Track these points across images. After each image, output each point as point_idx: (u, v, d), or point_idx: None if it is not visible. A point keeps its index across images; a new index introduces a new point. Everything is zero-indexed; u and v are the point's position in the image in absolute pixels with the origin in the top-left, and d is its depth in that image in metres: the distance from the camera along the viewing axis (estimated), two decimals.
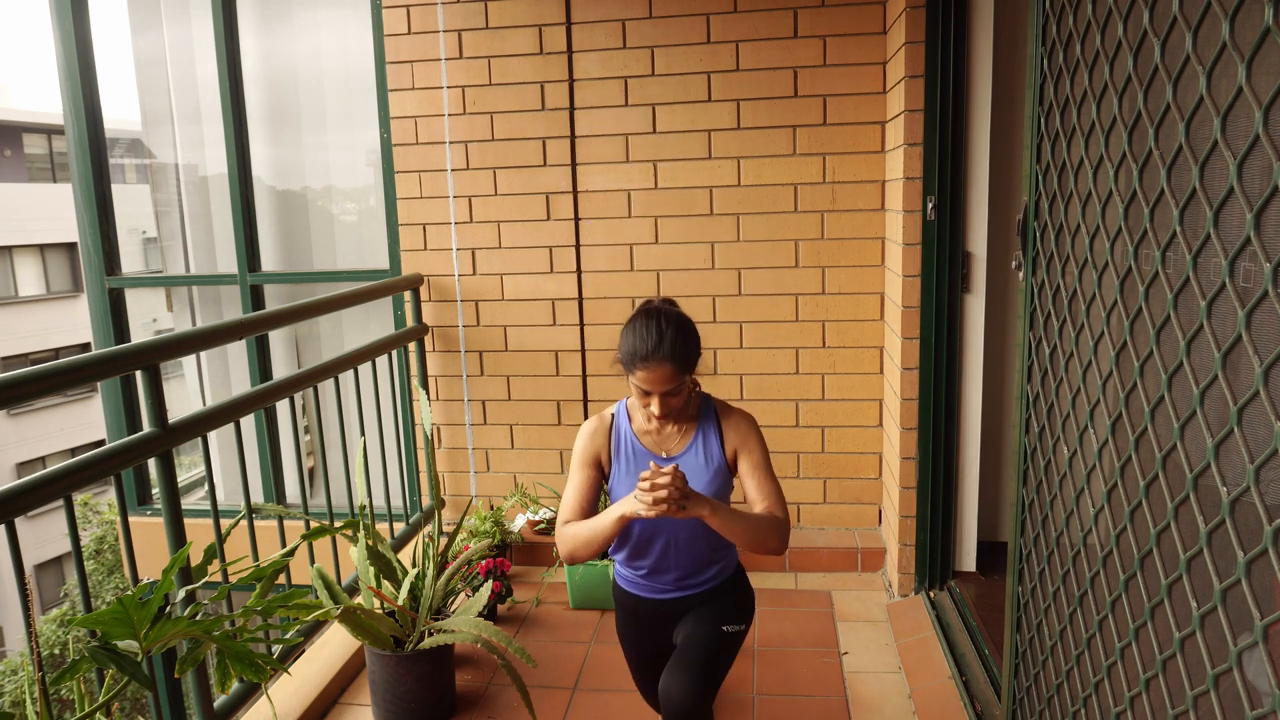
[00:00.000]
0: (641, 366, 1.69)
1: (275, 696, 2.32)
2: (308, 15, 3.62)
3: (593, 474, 1.86)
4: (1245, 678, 0.97)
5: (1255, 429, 0.95)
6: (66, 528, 1.66)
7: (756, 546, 1.71)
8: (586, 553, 1.75)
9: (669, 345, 1.68)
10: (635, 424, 1.88)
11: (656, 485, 1.57)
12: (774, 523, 1.73)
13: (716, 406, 1.88)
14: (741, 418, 1.86)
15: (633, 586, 1.93)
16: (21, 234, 16.09)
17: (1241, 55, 0.94)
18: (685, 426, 1.85)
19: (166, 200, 4.03)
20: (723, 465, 1.83)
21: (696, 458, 1.83)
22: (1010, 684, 1.91)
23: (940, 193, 2.62)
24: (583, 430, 1.90)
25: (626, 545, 1.88)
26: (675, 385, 1.71)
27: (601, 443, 1.88)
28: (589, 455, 1.87)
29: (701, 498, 1.63)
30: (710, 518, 1.63)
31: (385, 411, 3.22)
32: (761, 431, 1.86)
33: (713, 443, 1.84)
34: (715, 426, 1.85)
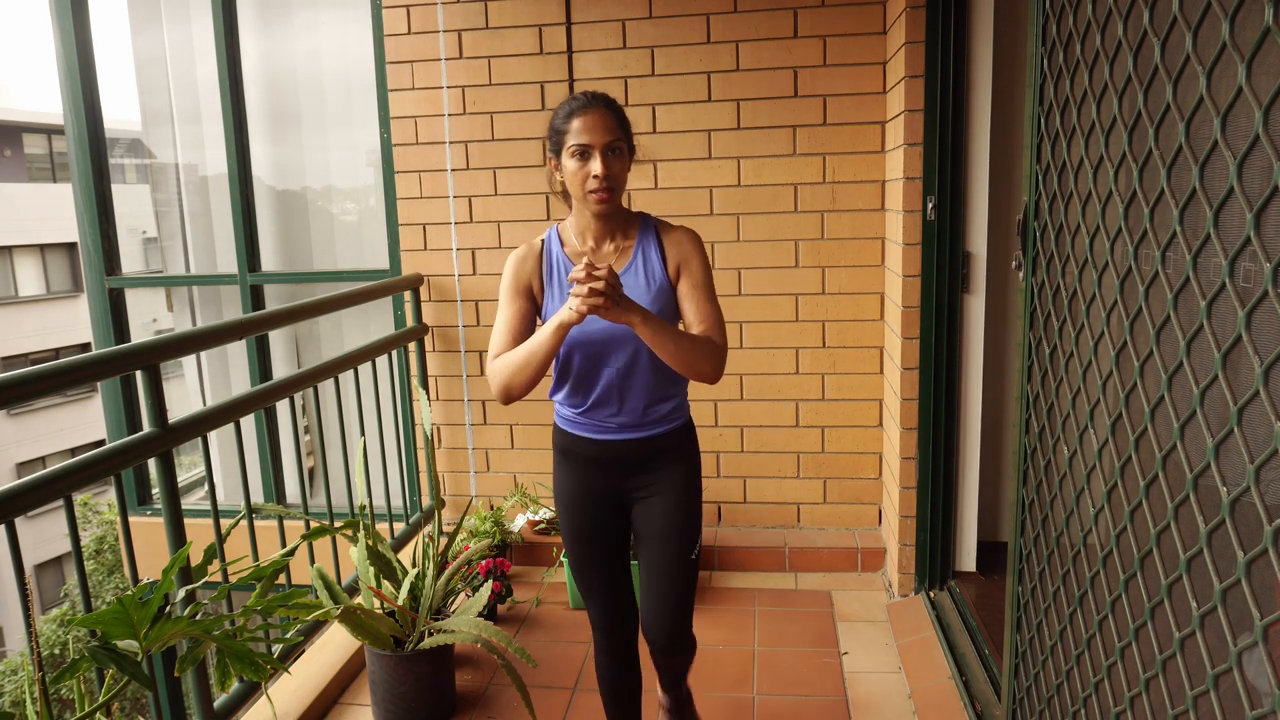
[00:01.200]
0: (579, 114, 1.62)
1: (275, 696, 2.33)
2: (308, 15, 3.62)
3: (524, 305, 1.73)
4: (1245, 678, 0.97)
5: (1255, 429, 0.95)
6: (66, 528, 1.66)
7: (688, 368, 1.62)
8: (523, 378, 1.63)
9: (604, 99, 1.65)
10: (569, 247, 1.75)
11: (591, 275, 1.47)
12: (710, 346, 1.64)
13: (656, 224, 1.77)
14: (684, 233, 1.75)
15: (574, 427, 1.79)
16: (21, 234, 16.10)
17: (1241, 55, 0.94)
18: (623, 246, 1.73)
19: (166, 200, 4.03)
20: (665, 284, 1.71)
21: (637, 276, 1.71)
22: (1010, 684, 1.91)
23: (940, 193, 2.62)
24: (510, 258, 1.76)
25: (567, 379, 1.76)
26: (616, 138, 1.62)
27: (532, 268, 1.74)
28: (519, 284, 1.73)
29: (633, 303, 1.55)
30: (641, 325, 1.54)
31: (385, 411, 3.22)
32: (705, 251, 1.76)
33: (654, 260, 1.72)
34: (656, 243, 1.73)
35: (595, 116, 1.61)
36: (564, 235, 1.76)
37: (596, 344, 1.68)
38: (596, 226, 1.71)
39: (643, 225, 1.75)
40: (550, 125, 1.69)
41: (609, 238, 1.73)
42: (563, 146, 1.65)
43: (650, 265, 1.71)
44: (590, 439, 1.77)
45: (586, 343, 1.68)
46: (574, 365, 1.72)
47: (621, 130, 1.65)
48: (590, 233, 1.73)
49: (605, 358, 1.70)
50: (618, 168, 1.64)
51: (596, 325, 1.65)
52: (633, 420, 1.74)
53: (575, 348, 1.70)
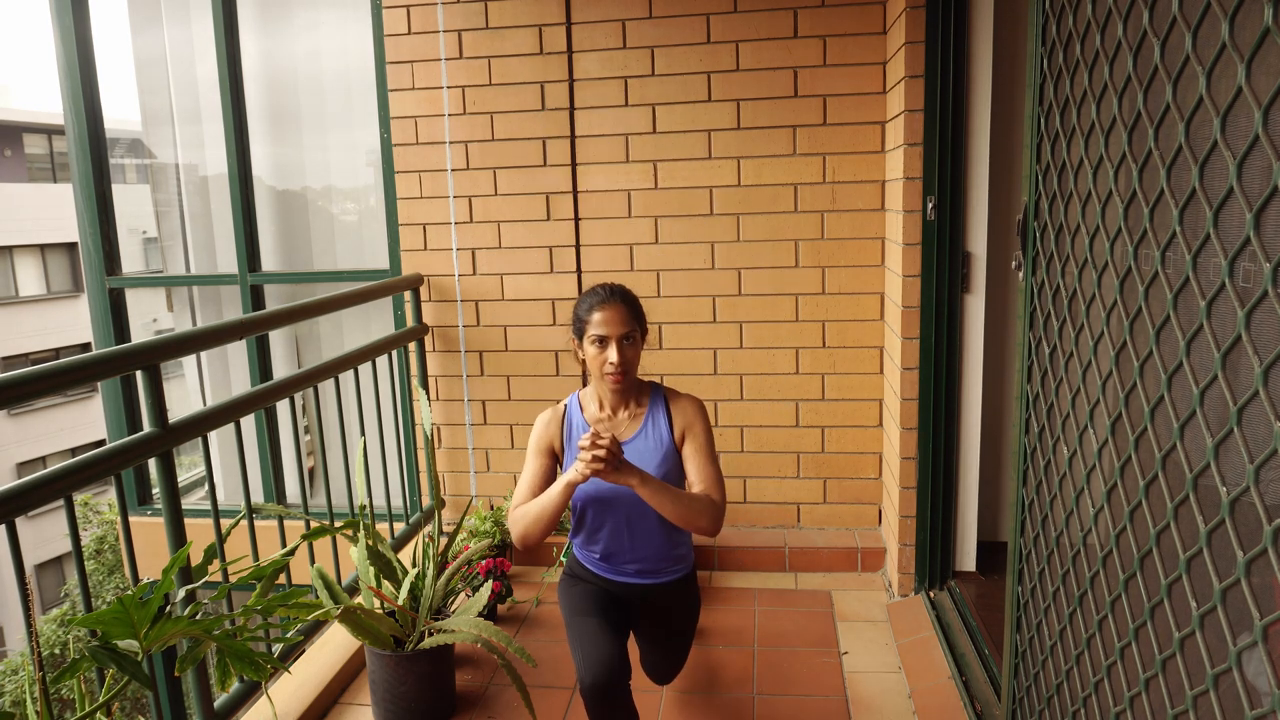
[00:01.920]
0: (598, 308, 1.87)
1: (275, 696, 2.33)
2: (308, 15, 3.62)
3: (546, 462, 1.99)
4: (1245, 678, 0.97)
5: (1255, 429, 0.95)
6: (67, 528, 1.66)
7: (688, 524, 1.83)
8: (538, 529, 1.84)
9: (620, 294, 1.91)
10: (588, 413, 2.00)
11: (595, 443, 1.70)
12: (707, 503, 1.85)
13: (665, 393, 2.00)
14: (689, 402, 1.99)
15: (592, 565, 2.05)
16: (21, 234, 16.10)
17: (1241, 55, 0.94)
18: (635, 413, 1.98)
19: (166, 200, 4.03)
20: (672, 448, 1.95)
21: (646, 442, 1.95)
22: (1010, 684, 1.91)
23: (940, 193, 2.62)
24: (538, 420, 2.03)
25: (583, 528, 2.01)
26: (630, 329, 1.87)
27: (555, 431, 2.00)
28: (543, 444, 2.00)
29: (633, 467, 1.76)
30: (639, 486, 1.75)
31: (385, 411, 3.22)
32: (708, 416, 1.99)
33: (661, 426, 1.95)
34: (664, 411, 1.97)
35: (613, 312, 1.87)
36: (584, 401, 2.03)
37: (603, 501, 1.93)
38: (612, 397, 1.98)
39: (653, 394, 2.00)
40: (574, 313, 1.96)
41: (623, 406, 1.99)
42: (584, 334, 1.91)
43: (659, 431, 1.96)
44: (606, 579, 2.04)
45: (594, 500, 1.93)
46: (588, 518, 1.98)
47: (635, 322, 1.90)
48: (607, 402, 1.99)
49: (614, 512, 1.94)
50: (630, 354, 1.89)
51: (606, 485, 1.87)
52: (649, 567, 2.01)
53: (588, 503, 1.95)
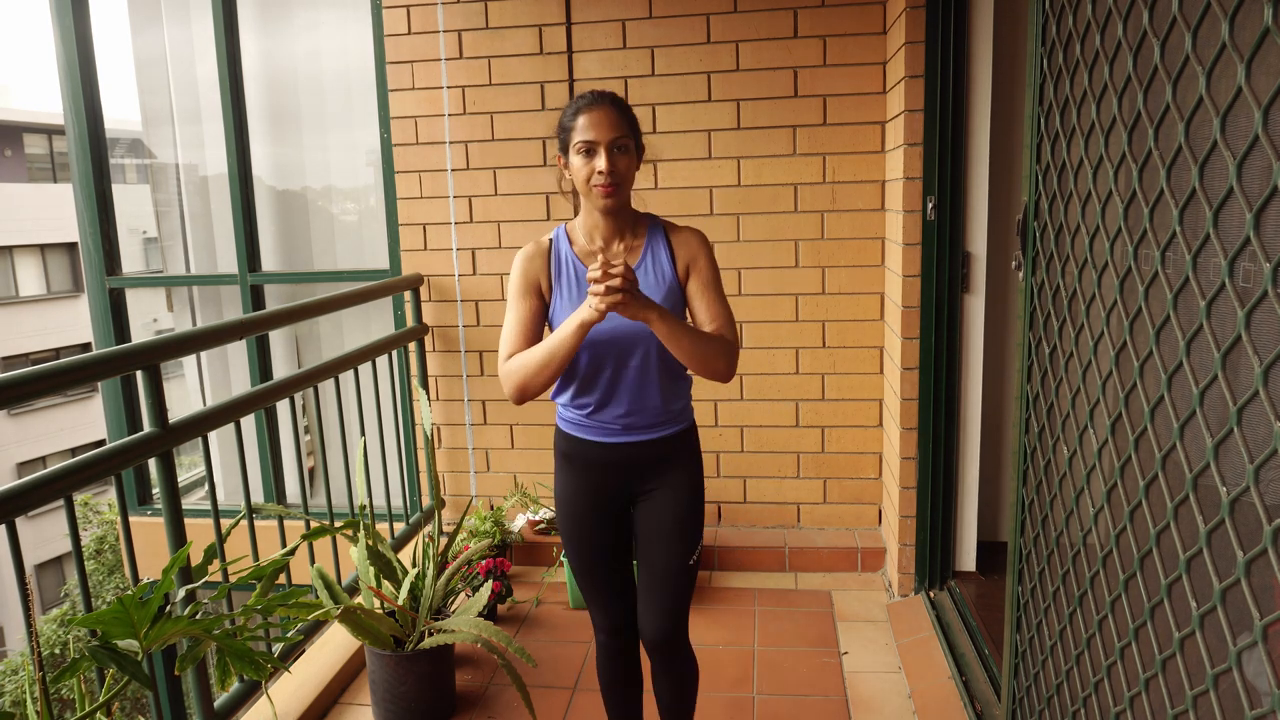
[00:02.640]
0: (585, 111, 1.61)
1: (275, 696, 2.33)
2: (308, 15, 3.62)
3: (534, 303, 1.72)
4: (1245, 678, 0.97)
5: (1255, 429, 0.95)
6: (67, 528, 1.66)
7: (702, 366, 1.63)
8: (542, 379, 1.62)
9: (611, 97, 1.64)
10: (577, 246, 1.74)
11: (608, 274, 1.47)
12: (723, 343, 1.65)
13: (665, 224, 1.77)
14: (692, 233, 1.75)
15: (577, 428, 1.77)
16: (21, 234, 16.09)
17: (1241, 55, 0.94)
18: (632, 245, 1.73)
19: (167, 200, 4.03)
20: (675, 284, 1.71)
21: (647, 276, 1.71)
22: (1010, 684, 1.91)
23: (940, 193, 2.62)
24: (518, 256, 1.76)
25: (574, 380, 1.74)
26: (621, 134, 1.61)
27: (540, 266, 1.73)
28: (528, 282, 1.72)
29: (650, 300, 1.55)
30: (658, 322, 1.54)
31: (385, 411, 3.22)
32: (713, 250, 1.76)
33: (663, 259, 1.72)
34: (665, 243, 1.73)
35: (601, 114, 1.61)
36: (572, 234, 1.76)
37: (605, 344, 1.67)
38: (605, 225, 1.71)
39: (651, 225, 1.75)
40: (559, 123, 1.69)
41: (618, 237, 1.72)
42: (570, 144, 1.64)
43: (660, 265, 1.71)
44: (595, 442, 1.75)
45: (595, 342, 1.66)
46: (581, 365, 1.70)
47: (628, 128, 1.64)
48: (599, 232, 1.72)
49: (613, 357, 1.68)
50: (623, 164, 1.63)
51: (605, 324, 1.63)
52: (641, 421, 1.73)
53: (584, 348, 1.67)
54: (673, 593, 1.77)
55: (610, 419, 1.73)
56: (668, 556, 1.76)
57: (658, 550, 1.76)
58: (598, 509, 1.77)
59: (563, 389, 1.76)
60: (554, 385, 1.77)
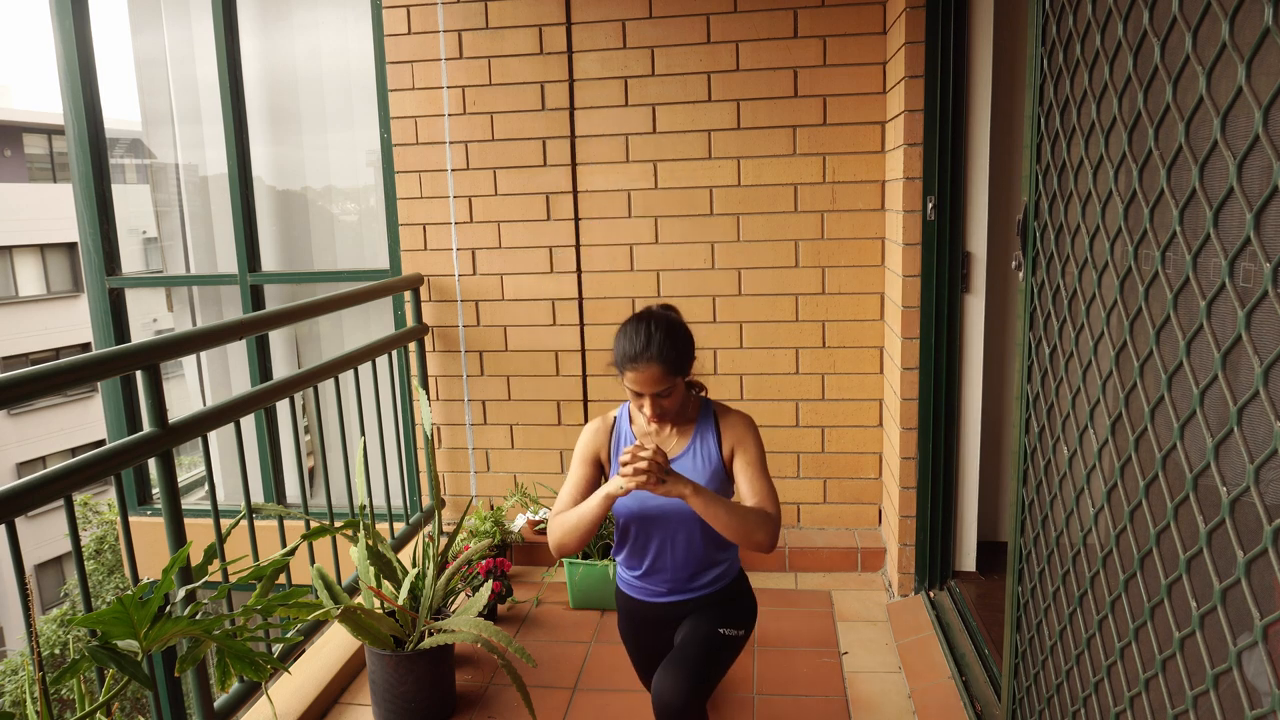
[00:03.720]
0: (630, 368, 1.74)
1: (275, 696, 2.33)
2: (308, 15, 3.62)
3: (591, 471, 1.90)
4: (1245, 678, 0.97)
5: (1255, 429, 0.95)
6: (66, 528, 1.66)
7: (743, 539, 1.71)
8: (575, 539, 1.77)
9: (657, 347, 1.71)
10: (636, 425, 1.92)
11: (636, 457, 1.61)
12: (763, 516, 1.73)
13: (715, 409, 1.91)
14: (739, 418, 1.89)
15: (631, 589, 1.95)
16: (21, 234, 16.09)
17: (1241, 55, 0.94)
18: (683, 429, 1.89)
19: (166, 200, 4.03)
20: (720, 467, 1.85)
21: (694, 460, 1.86)
22: (1010, 684, 1.91)
23: (940, 193, 2.62)
24: (586, 428, 1.95)
25: (626, 544, 1.91)
26: (665, 387, 1.75)
27: (602, 441, 1.92)
28: (589, 452, 1.91)
29: (683, 478, 1.67)
30: (693, 497, 1.65)
31: (385, 411, 3.22)
32: (759, 433, 1.88)
33: (710, 444, 1.86)
34: (714, 428, 1.88)
35: (646, 374, 1.72)
36: (633, 412, 1.92)
37: (650, 517, 1.83)
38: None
39: (702, 411, 1.90)
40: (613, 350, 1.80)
41: (671, 423, 1.89)
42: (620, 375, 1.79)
43: (707, 449, 1.86)
44: (647, 603, 1.93)
45: (642, 515, 1.83)
46: (631, 534, 1.88)
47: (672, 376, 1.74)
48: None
49: (658, 528, 1.84)
50: (668, 404, 1.78)
51: (652, 501, 1.79)
52: (686, 586, 1.89)
53: (631, 519, 1.85)
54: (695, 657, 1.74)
55: (658, 583, 1.91)
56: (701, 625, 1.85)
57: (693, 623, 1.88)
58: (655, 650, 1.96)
59: (619, 549, 1.95)
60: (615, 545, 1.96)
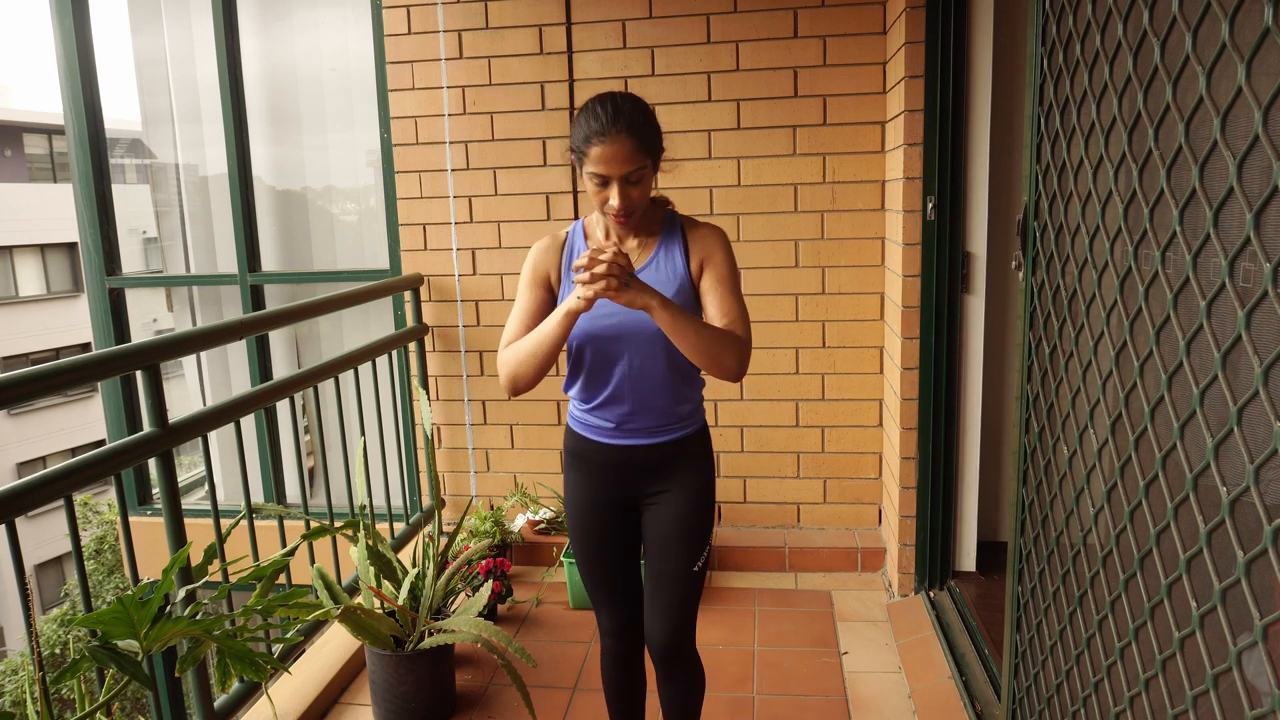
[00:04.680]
0: (597, 141, 1.51)
1: (275, 696, 2.33)
2: (308, 15, 3.62)
3: (541, 294, 1.68)
4: (1245, 678, 0.97)
5: (1255, 429, 0.95)
6: (67, 528, 1.66)
7: (711, 362, 1.55)
8: (530, 367, 1.58)
9: (627, 119, 1.52)
10: (592, 239, 1.70)
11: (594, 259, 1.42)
12: (731, 338, 1.57)
13: (683, 221, 1.70)
14: (709, 230, 1.69)
15: (586, 428, 1.74)
16: (21, 234, 16.09)
17: (1241, 55, 0.94)
18: (646, 241, 1.67)
19: (166, 200, 4.03)
20: (687, 282, 1.64)
21: (657, 272, 1.64)
22: (1010, 684, 1.91)
23: (940, 193, 2.62)
24: (533, 248, 1.72)
25: (580, 373, 1.70)
26: (636, 166, 1.53)
27: (553, 260, 1.69)
28: (538, 273, 1.69)
29: (647, 286, 1.49)
30: (658, 310, 1.47)
31: (385, 411, 3.22)
32: (732, 249, 1.69)
33: (676, 256, 1.66)
34: (680, 241, 1.67)
35: (615, 147, 1.51)
36: (589, 229, 1.71)
37: (609, 337, 1.62)
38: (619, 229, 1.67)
39: (668, 222, 1.69)
40: (571, 136, 1.61)
41: (631, 235, 1.68)
42: (581, 166, 1.58)
43: (672, 262, 1.65)
44: (602, 443, 1.72)
45: (598, 335, 1.62)
46: (586, 359, 1.66)
47: (643, 154, 1.55)
48: (614, 231, 1.68)
49: (618, 351, 1.63)
50: (636, 194, 1.57)
51: (609, 318, 1.59)
52: (648, 422, 1.69)
53: (587, 341, 1.64)
54: (679, 598, 1.74)
55: (615, 417, 1.69)
56: (674, 562, 1.73)
57: (664, 555, 1.74)
58: (605, 509, 1.75)
59: (571, 381, 1.73)
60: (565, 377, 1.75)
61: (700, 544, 1.76)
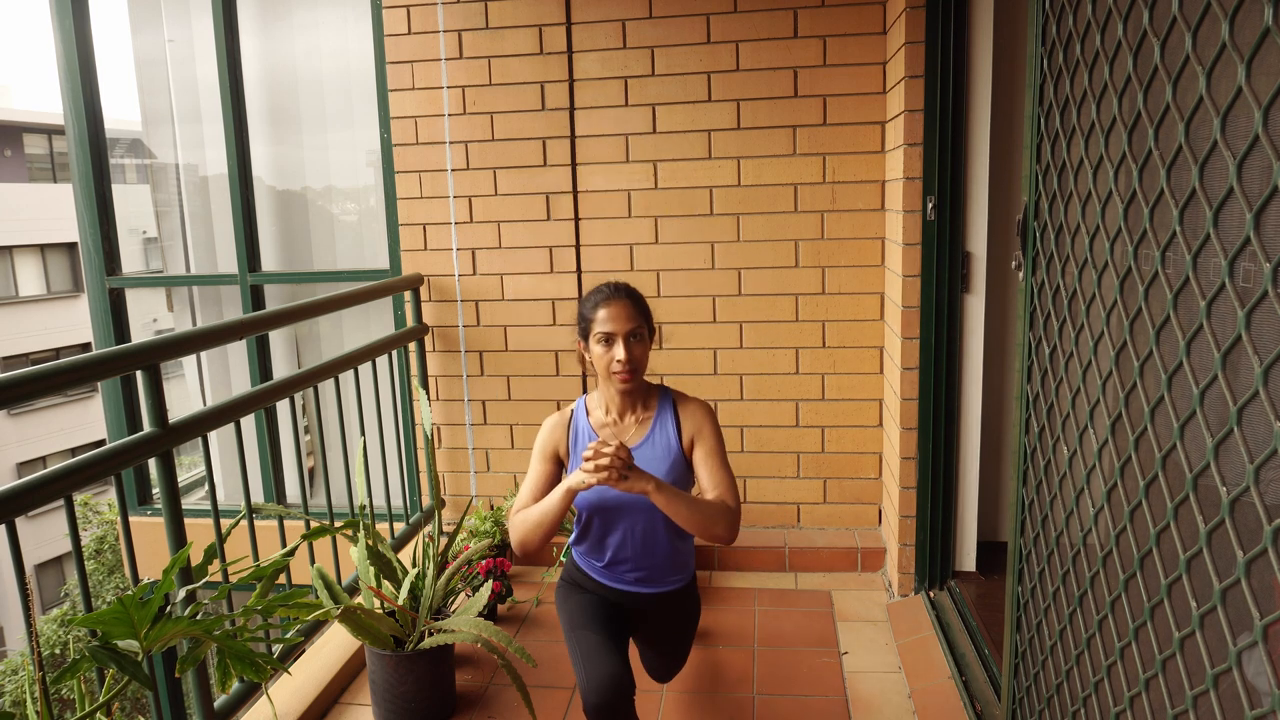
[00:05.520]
0: (603, 305, 1.81)
1: (275, 696, 2.33)
2: (308, 15, 3.62)
3: (550, 468, 1.94)
4: (1245, 678, 0.97)
5: (1255, 429, 0.95)
6: (67, 528, 1.66)
7: (703, 531, 1.76)
8: (537, 536, 1.80)
9: (627, 290, 1.86)
10: (593, 418, 1.95)
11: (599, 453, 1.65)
12: (723, 509, 1.79)
13: (674, 397, 1.96)
14: (698, 406, 1.93)
15: (592, 572, 1.99)
16: (21, 234, 16.09)
17: (1241, 55, 0.94)
18: (642, 418, 1.93)
19: (167, 200, 4.03)
20: (680, 455, 1.89)
21: (654, 449, 1.89)
22: (1010, 684, 1.91)
23: (940, 193, 2.62)
24: (544, 424, 1.98)
25: (587, 539, 1.95)
26: (637, 324, 1.81)
27: (560, 436, 1.95)
28: (548, 449, 1.95)
29: (645, 474, 1.70)
30: (655, 494, 1.69)
31: (385, 411, 3.22)
32: (717, 421, 1.93)
33: (670, 432, 1.90)
34: (673, 416, 1.92)
35: (619, 308, 1.81)
36: (590, 406, 1.97)
37: (613, 508, 1.87)
38: (619, 401, 1.92)
39: (660, 399, 1.94)
40: (579, 312, 1.91)
41: (630, 410, 1.93)
42: (590, 333, 1.85)
43: (666, 437, 1.90)
44: (605, 584, 1.97)
45: (604, 507, 1.87)
46: (593, 527, 1.92)
47: (642, 318, 1.84)
48: (614, 406, 1.94)
49: (621, 519, 1.88)
50: (639, 351, 1.83)
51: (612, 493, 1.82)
52: (648, 576, 1.95)
53: (594, 511, 1.89)
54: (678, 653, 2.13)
55: (622, 573, 1.95)
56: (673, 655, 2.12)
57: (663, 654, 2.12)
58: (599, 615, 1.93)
59: (579, 542, 1.97)
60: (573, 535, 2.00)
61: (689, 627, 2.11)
